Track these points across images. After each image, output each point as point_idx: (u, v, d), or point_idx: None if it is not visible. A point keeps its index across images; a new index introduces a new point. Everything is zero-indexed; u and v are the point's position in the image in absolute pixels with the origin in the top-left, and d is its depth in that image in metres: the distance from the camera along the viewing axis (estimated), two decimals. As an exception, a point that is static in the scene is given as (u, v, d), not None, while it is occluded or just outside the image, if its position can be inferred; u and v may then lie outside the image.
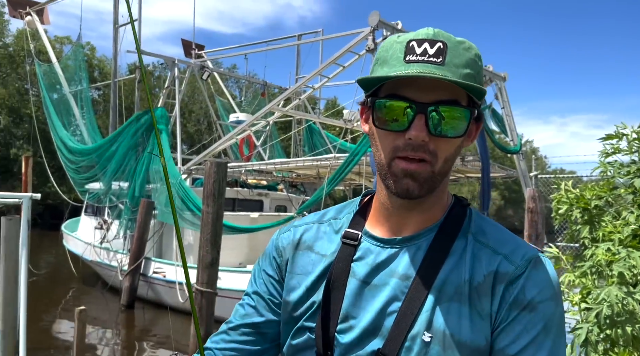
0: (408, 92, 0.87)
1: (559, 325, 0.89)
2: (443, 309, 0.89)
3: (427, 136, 0.87)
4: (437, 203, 0.97)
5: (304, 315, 0.99)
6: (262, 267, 1.10)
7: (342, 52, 8.99)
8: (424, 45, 0.86)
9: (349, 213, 1.05)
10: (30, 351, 7.76)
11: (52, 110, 14.57)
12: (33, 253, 18.95)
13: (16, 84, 33.50)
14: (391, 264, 0.95)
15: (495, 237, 0.95)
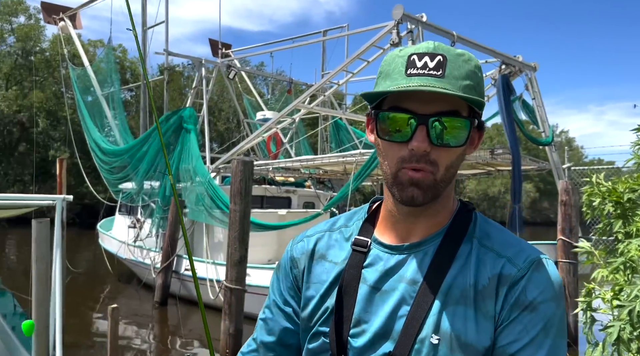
0: (410, 104, 0.91)
1: (559, 326, 0.92)
2: (449, 312, 0.93)
3: (428, 146, 0.91)
4: (442, 209, 1.01)
5: (319, 321, 1.03)
6: (279, 278, 1.13)
7: (366, 47, 8.93)
8: (424, 59, 0.90)
9: (359, 221, 1.09)
10: (68, 347, 8.04)
11: (86, 113, 14.99)
12: (71, 252, 19.57)
13: (53, 88, 34.60)
14: (400, 270, 0.98)
15: (500, 241, 0.98)
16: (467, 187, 59.98)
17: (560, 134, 77.80)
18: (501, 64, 10.44)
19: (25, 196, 5.89)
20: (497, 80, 10.22)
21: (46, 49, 35.40)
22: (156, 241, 12.26)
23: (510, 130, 9.73)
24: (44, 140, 34.92)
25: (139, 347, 9.08)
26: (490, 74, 10.85)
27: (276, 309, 1.11)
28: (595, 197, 3.96)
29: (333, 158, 10.30)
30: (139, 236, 12.76)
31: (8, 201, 5.60)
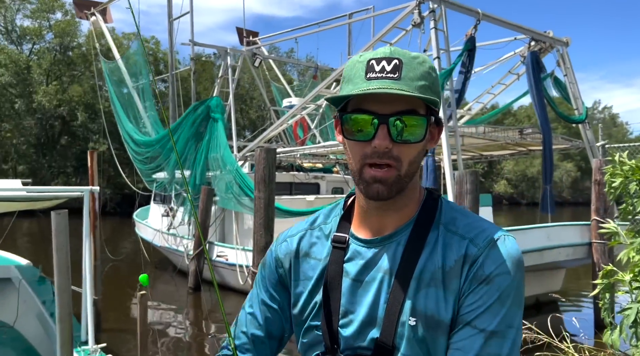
0: (371, 106, 0.98)
1: (515, 296, 0.98)
2: (422, 295, 1.00)
3: (390, 143, 0.97)
4: (409, 201, 1.07)
5: (310, 315, 1.11)
6: (264, 275, 1.21)
7: (387, 29, 8.80)
8: (382, 63, 0.98)
9: (336, 217, 1.16)
10: (107, 331, 8.39)
11: (119, 105, 15.39)
12: (113, 241, 20.30)
13: (90, 82, 35.64)
14: (376, 261, 1.06)
15: (464, 224, 1.05)
16: (504, 168, 58.61)
17: (603, 110, 74.72)
18: (530, 41, 10.13)
19: (56, 188, 6.15)
20: (526, 58, 9.93)
21: (82, 44, 36.40)
22: (188, 229, 12.56)
23: (540, 109, 9.47)
24: (83, 133, 36.12)
25: (175, 331, 9.39)
26: (519, 52, 10.56)
27: (263, 306, 1.19)
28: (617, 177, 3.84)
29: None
30: (172, 224, 13.10)
31: (41, 193, 5.87)
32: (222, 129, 11.54)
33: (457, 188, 7.06)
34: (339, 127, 1.05)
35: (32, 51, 37.67)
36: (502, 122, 51.90)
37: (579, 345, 3.77)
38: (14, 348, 6.49)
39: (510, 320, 0.97)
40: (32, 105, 34.02)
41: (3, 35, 36.93)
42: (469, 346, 0.95)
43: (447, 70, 8.22)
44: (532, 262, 8.76)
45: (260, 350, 1.19)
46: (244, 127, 40.75)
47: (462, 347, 0.96)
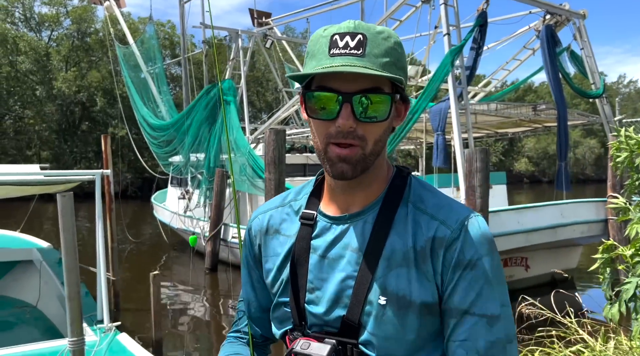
0: (334, 83, 0.95)
1: (498, 275, 1.00)
2: (393, 275, 0.99)
3: (354, 122, 0.95)
4: (376, 178, 1.05)
5: (278, 291, 1.11)
6: (246, 253, 1.23)
7: (397, 6, 8.68)
8: (345, 39, 0.94)
9: (306, 195, 1.15)
10: (126, 311, 8.64)
11: (134, 90, 15.55)
12: (133, 223, 20.72)
13: (108, 67, 35.96)
14: (344, 239, 1.04)
15: (432, 203, 1.03)
16: (525, 146, 57.61)
17: (629, 84, 72.71)
18: (545, 14, 9.87)
19: (69, 172, 6.30)
20: (541, 32, 9.70)
21: (99, 30, 36.67)
22: (204, 211, 12.76)
23: (555, 85, 9.28)
24: (103, 118, 36.62)
25: (193, 311, 9.62)
26: (534, 26, 10.31)
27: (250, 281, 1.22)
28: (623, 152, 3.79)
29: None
30: (188, 206, 13.31)
31: (55, 177, 6.03)
32: (235, 112, 11.60)
33: (467, 166, 7.01)
34: (304, 105, 1.02)
35: (50, 38, 38.13)
36: (523, 99, 50.92)
37: (582, 320, 3.77)
38: (37, 327, 6.74)
39: (503, 299, 0.99)
40: (53, 92, 34.55)
41: (22, 22, 37.40)
42: (476, 334, 0.96)
43: (458, 47, 8.09)
44: (546, 239, 8.70)
45: (260, 322, 1.22)
46: (260, 110, 40.78)
47: (469, 337, 0.96)
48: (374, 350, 1.01)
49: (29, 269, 7.61)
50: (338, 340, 1.02)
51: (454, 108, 7.92)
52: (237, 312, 1.29)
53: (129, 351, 4.60)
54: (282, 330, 1.12)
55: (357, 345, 1.01)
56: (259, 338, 1.25)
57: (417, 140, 13.18)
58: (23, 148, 35.36)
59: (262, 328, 1.23)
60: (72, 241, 3.46)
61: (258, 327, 1.24)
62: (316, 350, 1.01)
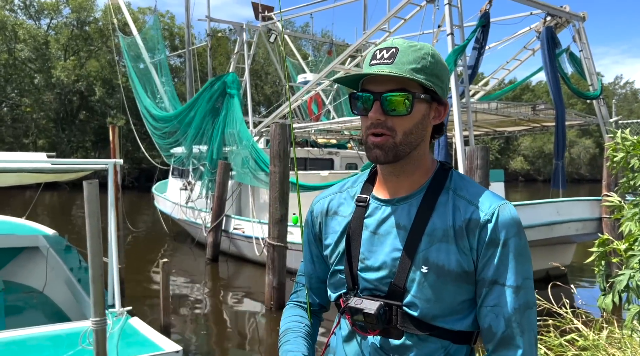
0: (370, 86, 1.20)
1: (524, 252, 1.20)
2: (435, 248, 1.20)
3: (382, 116, 1.17)
4: (418, 169, 1.26)
5: (335, 261, 1.33)
6: (307, 232, 1.46)
7: (402, 5, 8.83)
8: (382, 52, 1.19)
9: (361, 182, 1.37)
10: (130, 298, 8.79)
11: (137, 81, 15.62)
12: (132, 214, 20.79)
13: (107, 57, 35.87)
14: (392, 218, 1.25)
15: (470, 191, 1.24)
16: (521, 145, 57.91)
17: (625, 85, 72.89)
18: (546, 16, 10.05)
19: (81, 161, 6.44)
20: (541, 33, 9.88)
21: (99, 19, 36.54)
22: (206, 202, 12.90)
23: (554, 85, 9.47)
24: (101, 108, 36.55)
25: (194, 301, 9.78)
26: (534, 27, 10.48)
27: (310, 256, 1.45)
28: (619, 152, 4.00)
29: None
30: (190, 197, 13.45)
31: (67, 165, 6.15)
32: (238, 105, 11.73)
33: (468, 163, 7.20)
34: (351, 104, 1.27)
35: (49, 26, 37.97)
36: (520, 98, 51.11)
37: (577, 311, 3.96)
38: (44, 312, 6.86)
39: (527, 273, 1.19)
40: (51, 80, 34.46)
41: (22, 10, 37.23)
42: (505, 301, 1.16)
43: (460, 46, 8.26)
44: (542, 236, 8.91)
45: (317, 292, 1.46)
46: (259, 103, 40.81)
47: (498, 303, 1.16)
48: (416, 310, 1.21)
49: (35, 255, 7.72)
50: (385, 301, 1.23)
51: (456, 106, 8.09)
52: (295, 285, 1.53)
53: (141, 334, 4.76)
54: (337, 293, 1.34)
55: (402, 306, 1.22)
56: (316, 306, 1.49)
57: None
58: (20, 136, 35.28)
59: (319, 297, 1.47)
60: (97, 226, 3.62)
61: (316, 296, 1.47)
62: (368, 305, 1.22)
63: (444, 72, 1.24)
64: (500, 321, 1.17)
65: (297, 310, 1.49)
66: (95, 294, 3.62)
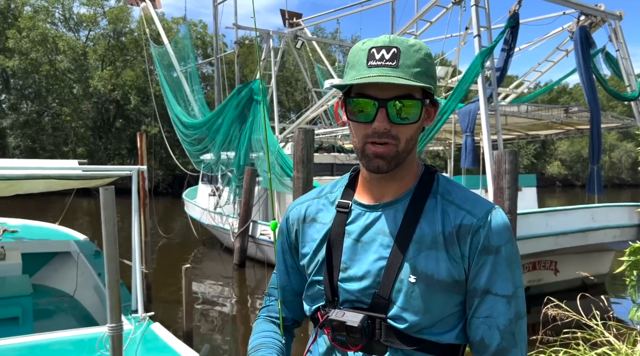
0: (371, 91, 1.08)
1: (516, 259, 1.14)
2: (423, 256, 1.12)
3: (388, 124, 1.08)
4: (407, 173, 1.18)
5: (313, 271, 1.24)
6: (282, 241, 1.35)
7: (427, 7, 8.70)
8: (382, 52, 1.07)
9: (341, 187, 1.28)
10: (158, 303, 8.89)
11: (168, 89, 15.93)
12: (165, 219, 21.19)
13: (142, 66, 36.79)
14: (377, 224, 1.17)
15: (459, 196, 1.17)
16: (558, 149, 56.25)
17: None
18: (580, 15, 9.72)
19: (107, 167, 6.55)
20: (575, 33, 9.55)
21: (134, 29, 37.56)
22: (234, 208, 12.99)
23: (588, 87, 9.13)
24: (136, 116, 37.49)
25: (220, 306, 9.83)
26: (567, 27, 10.16)
27: (285, 267, 1.35)
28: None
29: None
30: (218, 203, 13.58)
31: (93, 172, 6.27)
32: (265, 111, 11.78)
33: (496, 168, 7.00)
34: (344, 108, 1.16)
35: (88, 37, 39.24)
36: (557, 101, 49.77)
37: (608, 323, 3.76)
38: (74, 316, 7.00)
39: (519, 281, 1.13)
40: (89, 90, 35.54)
41: (62, 23, 38.62)
42: (497, 311, 1.10)
43: (488, 48, 8.06)
44: (576, 243, 8.57)
45: (291, 306, 1.35)
46: (289, 109, 41.06)
47: (491, 313, 1.10)
48: (401, 323, 1.12)
49: (67, 260, 7.90)
50: (368, 314, 1.14)
51: (484, 109, 7.89)
52: (266, 298, 1.42)
53: (161, 340, 4.77)
54: (314, 306, 1.25)
55: (386, 319, 1.13)
56: (289, 321, 1.38)
57: (446, 141, 13.12)
58: (60, 145, 36.49)
59: (293, 312, 1.37)
60: (113, 232, 3.65)
61: (289, 310, 1.37)
62: (351, 317, 1.13)
63: (435, 71, 1.17)
64: (494, 333, 1.10)
65: (269, 325, 1.37)
66: (112, 300, 3.64)
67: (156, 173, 35.15)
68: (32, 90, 36.34)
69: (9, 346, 4.41)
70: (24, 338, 4.62)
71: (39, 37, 33.82)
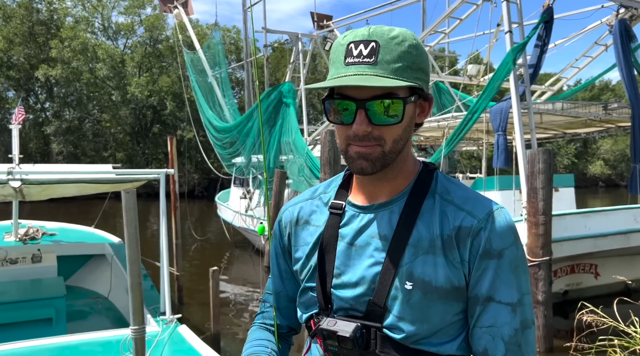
0: (350, 91, 1.00)
1: (522, 264, 1.05)
2: (420, 261, 1.04)
3: (368, 126, 1.00)
4: (401, 172, 1.10)
5: (305, 277, 1.17)
6: (275, 244, 1.28)
7: (457, 5, 8.52)
8: (360, 47, 0.99)
9: (335, 187, 1.21)
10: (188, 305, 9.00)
11: (200, 94, 16.19)
12: (200, 222, 21.53)
13: (177, 72, 37.58)
14: (371, 227, 1.09)
15: (459, 195, 1.08)
16: (600, 148, 54.21)
17: None
18: (619, 8, 9.32)
19: (135, 171, 6.66)
20: (614, 27, 9.16)
21: (170, 36, 38.43)
22: (264, 210, 13.07)
23: (629, 82, 8.74)
24: (172, 121, 38.31)
25: (249, 309, 9.88)
26: (606, 20, 9.76)
27: (279, 272, 1.27)
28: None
29: (425, 123, 10.02)
30: (249, 206, 13.69)
31: (123, 176, 6.39)
32: (294, 114, 11.81)
33: (529, 167, 6.76)
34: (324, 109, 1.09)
35: (125, 45, 40.38)
36: (598, 98, 48.00)
37: (648, 331, 3.55)
38: (108, 317, 7.15)
39: (525, 287, 1.04)
40: (127, 96, 36.54)
41: (101, 32, 39.89)
42: (501, 320, 1.01)
43: (520, 44, 7.81)
44: (617, 246, 8.22)
45: (286, 312, 1.28)
46: (322, 112, 41.13)
47: (494, 323, 1.01)
48: (398, 333, 1.05)
49: (102, 263, 8.09)
50: (363, 323, 1.06)
51: (516, 108, 7.65)
52: (262, 304, 1.35)
53: (187, 342, 4.80)
54: (307, 314, 1.18)
55: (381, 328, 1.06)
56: (284, 328, 1.31)
57: (479, 141, 12.82)
58: (100, 150, 37.64)
59: (288, 319, 1.30)
60: (135, 235, 3.68)
61: (284, 317, 1.30)
62: (342, 327, 1.06)
63: (427, 61, 1.06)
64: (498, 344, 1.01)
65: (264, 333, 1.30)
66: (134, 302, 3.67)
67: (192, 177, 35.81)
68: (73, 98, 37.64)
69: (40, 347, 4.52)
70: (55, 338, 4.73)
71: (79, 46, 35.02)
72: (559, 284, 8.64)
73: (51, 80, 35.88)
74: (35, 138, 36.22)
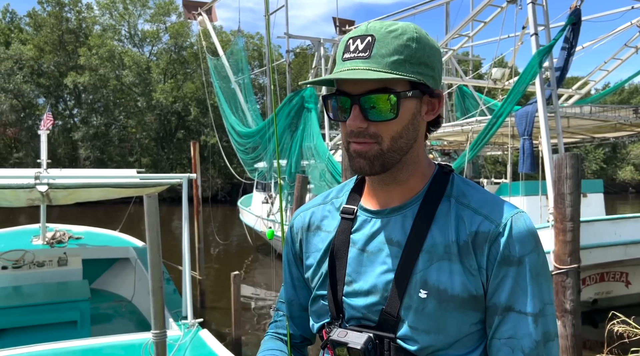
0: (346, 87, 0.99)
1: (544, 272, 0.99)
2: (435, 268, 0.99)
3: (363, 122, 0.97)
4: (412, 175, 1.06)
5: (317, 285, 1.13)
6: (287, 251, 1.25)
7: (481, 7, 8.40)
8: (356, 42, 0.97)
9: (347, 191, 1.17)
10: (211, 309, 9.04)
11: (223, 100, 16.34)
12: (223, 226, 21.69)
13: (201, 79, 38.05)
14: (383, 232, 1.05)
15: (476, 198, 1.02)
16: (630, 152, 52.79)
17: None
18: (649, 8, 9.08)
19: (158, 176, 6.73)
20: (644, 28, 8.92)
21: (194, 43, 38.99)
22: (286, 215, 13.07)
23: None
24: (196, 127, 38.79)
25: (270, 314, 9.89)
26: (636, 22, 9.51)
27: (291, 279, 1.24)
28: None
29: (447, 127, 9.91)
30: (271, 210, 13.71)
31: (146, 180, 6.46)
32: (315, 119, 11.81)
33: (556, 172, 6.59)
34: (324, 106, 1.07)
35: (151, 52, 41.12)
36: (628, 102, 46.85)
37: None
38: (131, 320, 7.23)
39: (548, 297, 0.99)
40: (152, 102, 37.16)
41: (127, 39, 40.72)
42: (522, 332, 0.96)
43: (546, 47, 7.64)
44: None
45: (299, 321, 1.24)
46: (345, 116, 41.06)
47: (514, 334, 0.96)
48: (413, 344, 1.00)
49: (126, 266, 8.19)
50: (375, 333, 1.02)
51: (542, 111, 7.48)
52: (275, 313, 1.31)
53: (208, 347, 4.81)
54: (319, 323, 1.13)
55: (395, 339, 1.01)
56: (297, 338, 1.27)
57: (504, 146, 12.61)
58: (126, 155, 38.32)
59: (301, 328, 1.25)
60: (157, 239, 3.69)
61: (298, 327, 1.25)
62: (353, 338, 1.02)
63: (434, 56, 1.00)
64: None
65: (277, 343, 1.25)
66: (155, 306, 3.68)
67: (215, 182, 36.14)
68: (100, 104, 38.47)
69: (65, 350, 4.57)
70: (79, 341, 4.78)
71: (106, 53, 35.80)
72: (587, 292, 8.41)
73: (79, 87, 36.74)
74: (63, 143, 37.09)
